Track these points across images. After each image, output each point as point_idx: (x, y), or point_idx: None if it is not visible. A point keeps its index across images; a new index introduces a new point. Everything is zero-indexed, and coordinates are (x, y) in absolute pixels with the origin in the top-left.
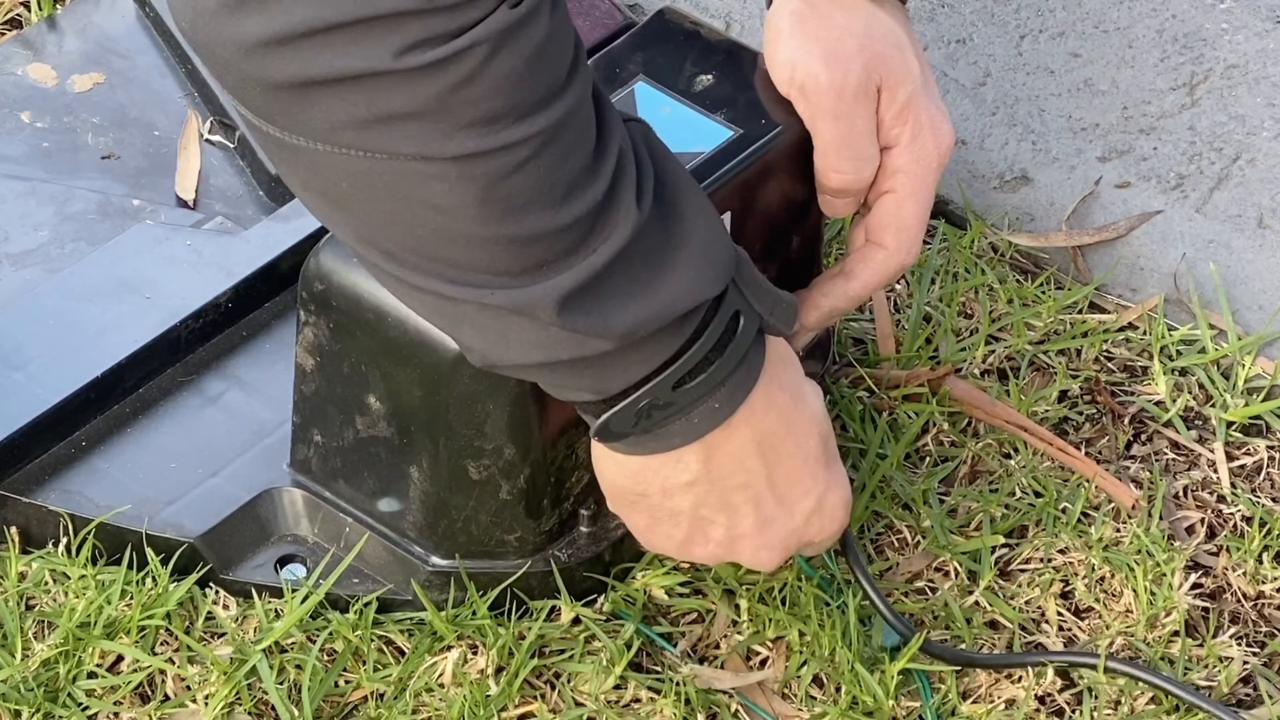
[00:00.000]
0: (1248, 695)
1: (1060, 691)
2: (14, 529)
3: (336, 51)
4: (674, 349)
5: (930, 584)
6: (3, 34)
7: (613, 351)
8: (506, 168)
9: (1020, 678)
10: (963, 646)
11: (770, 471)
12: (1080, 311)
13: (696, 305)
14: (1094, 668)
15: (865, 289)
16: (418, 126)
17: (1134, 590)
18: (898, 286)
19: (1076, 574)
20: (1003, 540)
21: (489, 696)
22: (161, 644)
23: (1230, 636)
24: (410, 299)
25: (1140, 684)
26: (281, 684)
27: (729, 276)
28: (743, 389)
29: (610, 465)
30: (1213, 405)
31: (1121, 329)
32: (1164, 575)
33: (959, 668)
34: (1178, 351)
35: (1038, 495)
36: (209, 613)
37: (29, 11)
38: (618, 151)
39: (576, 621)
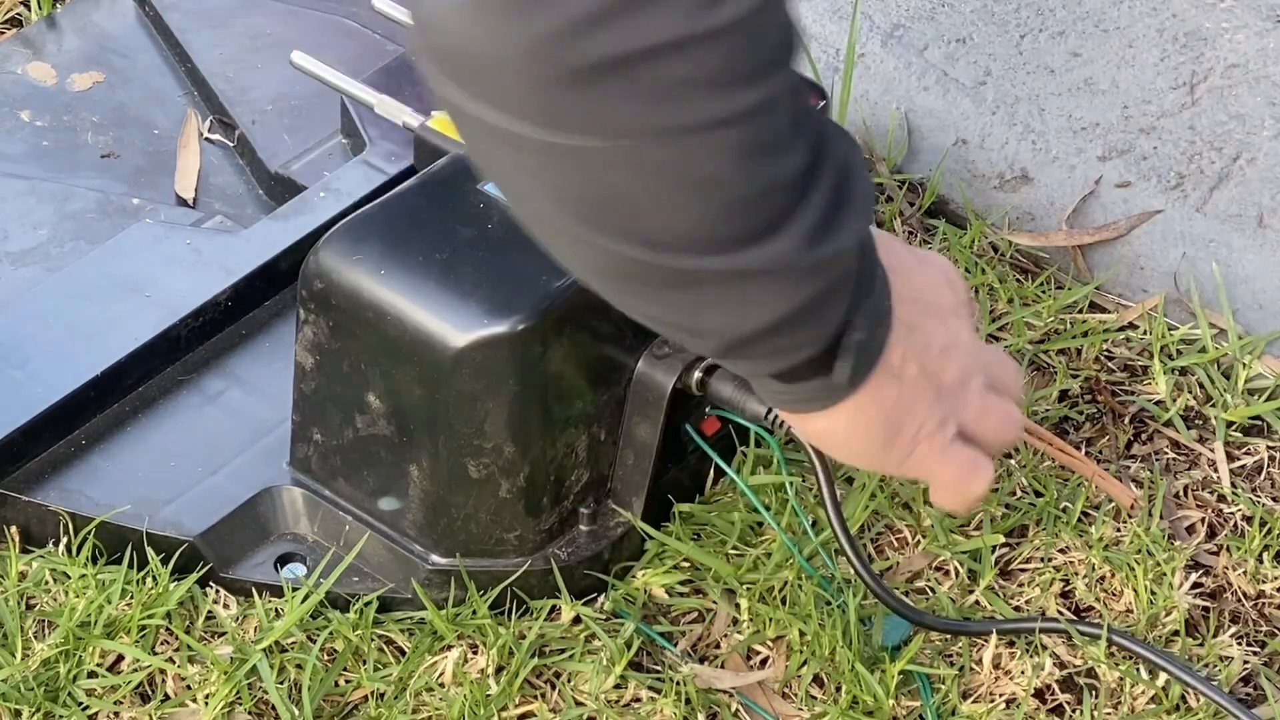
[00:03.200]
0: (1248, 694)
1: (1061, 690)
2: (14, 528)
3: (631, 25)
4: (855, 272)
5: (930, 584)
6: (3, 33)
7: (843, 277)
8: (773, 121)
9: (1023, 671)
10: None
11: (937, 303)
12: (1080, 311)
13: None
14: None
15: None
16: (706, 90)
17: (1134, 590)
18: None
19: (1077, 573)
20: (1003, 540)
21: (489, 696)
22: (161, 643)
23: (1230, 636)
24: (648, 299)
25: (1139, 683)
26: (282, 683)
27: None
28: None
29: (860, 430)
30: (1213, 405)
31: (1122, 328)
32: (1164, 575)
33: (960, 636)
34: (1178, 351)
35: (1038, 495)
36: (209, 612)
37: (29, 10)
38: None
39: (577, 621)
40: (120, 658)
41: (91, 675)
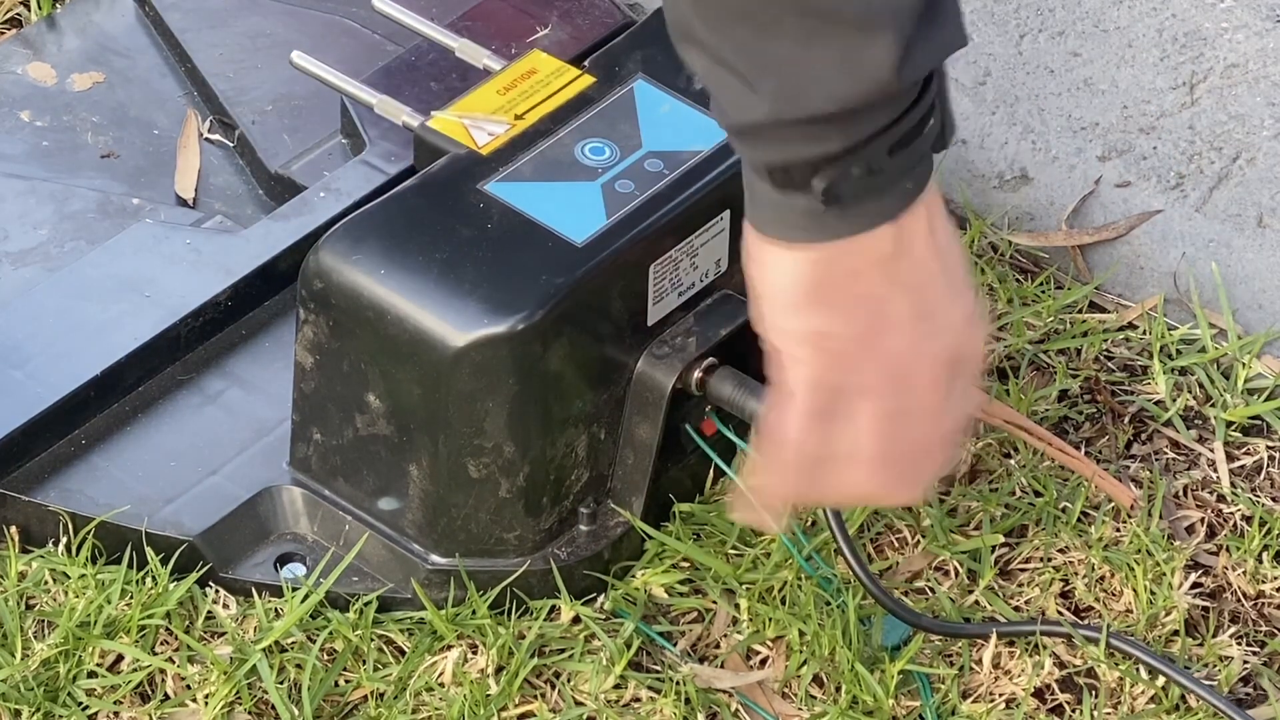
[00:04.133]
0: (1247, 694)
1: (1060, 690)
2: (14, 528)
3: None
4: (910, 101)
5: (930, 584)
6: (3, 33)
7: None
8: None
9: (1022, 670)
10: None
11: (944, 263)
12: (1080, 311)
13: (952, 53)
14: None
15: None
16: None
17: (1134, 589)
18: None
19: (1076, 573)
20: (1003, 540)
21: (489, 696)
22: (161, 643)
23: (1230, 636)
24: (728, 31)
25: (1139, 682)
26: (281, 683)
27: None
28: (925, 178)
29: (789, 267)
30: (1212, 405)
31: (1121, 328)
32: (1164, 575)
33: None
34: (1178, 351)
35: (1038, 495)
36: (209, 612)
37: (29, 10)
38: None
39: (576, 620)
40: (120, 658)
41: (91, 675)
